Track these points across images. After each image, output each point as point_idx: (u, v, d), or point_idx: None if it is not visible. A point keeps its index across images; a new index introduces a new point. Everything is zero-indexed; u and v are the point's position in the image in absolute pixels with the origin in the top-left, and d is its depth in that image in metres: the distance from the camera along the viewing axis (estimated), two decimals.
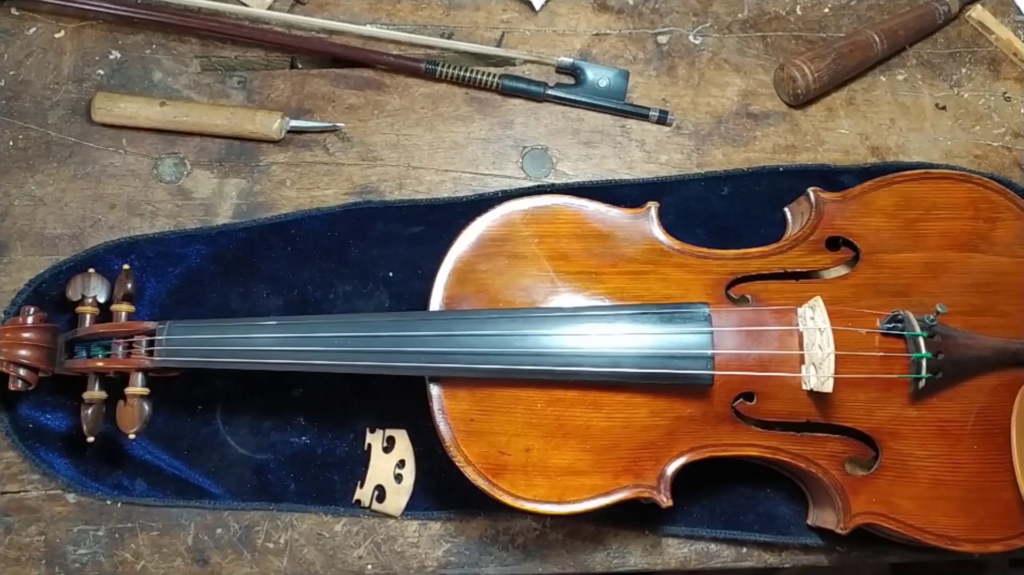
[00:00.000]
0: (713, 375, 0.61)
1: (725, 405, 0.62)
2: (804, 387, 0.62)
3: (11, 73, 0.77)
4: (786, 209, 0.73)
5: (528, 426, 0.61)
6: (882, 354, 0.63)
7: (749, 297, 0.65)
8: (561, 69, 0.79)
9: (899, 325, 0.63)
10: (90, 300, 0.66)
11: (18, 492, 0.69)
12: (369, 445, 0.70)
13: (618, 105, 0.78)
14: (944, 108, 0.80)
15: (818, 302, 0.62)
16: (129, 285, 0.65)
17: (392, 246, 0.73)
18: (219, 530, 0.69)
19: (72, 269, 0.70)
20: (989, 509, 0.64)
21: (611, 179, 0.77)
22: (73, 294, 0.66)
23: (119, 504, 0.69)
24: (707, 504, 0.69)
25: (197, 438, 0.70)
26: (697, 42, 0.81)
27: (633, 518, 0.68)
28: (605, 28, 0.81)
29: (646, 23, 0.81)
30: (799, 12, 0.83)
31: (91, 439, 0.64)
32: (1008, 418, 0.65)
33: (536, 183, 0.76)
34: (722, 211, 0.76)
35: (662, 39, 0.81)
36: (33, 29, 0.78)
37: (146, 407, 0.64)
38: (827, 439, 0.64)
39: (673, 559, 0.69)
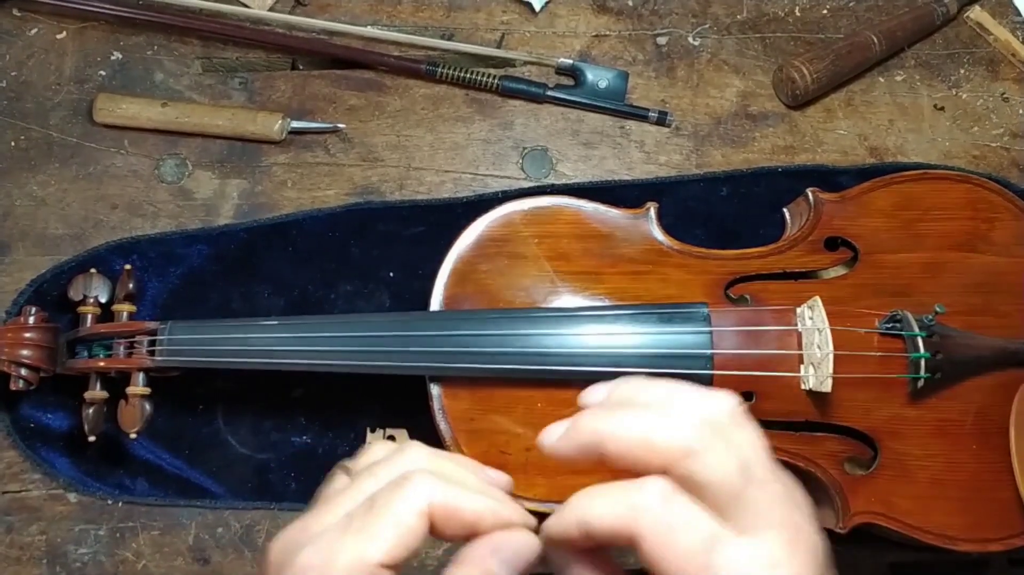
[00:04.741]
0: (712, 374, 0.61)
1: None
2: (803, 387, 0.62)
3: (13, 74, 0.77)
4: (785, 210, 0.73)
5: (529, 426, 0.62)
6: (881, 354, 0.63)
7: (748, 297, 0.65)
8: (561, 70, 0.80)
9: (898, 325, 0.63)
10: (91, 300, 0.66)
11: (19, 492, 0.69)
12: (370, 445, 0.70)
13: (617, 106, 0.78)
14: (942, 109, 0.81)
15: (817, 302, 0.62)
16: (131, 285, 0.66)
17: (393, 246, 0.74)
18: (220, 529, 0.69)
19: (74, 269, 0.71)
20: (988, 508, 0.64)
21: (611, 180, 0.77)
22: (75, 294, 0.66)
23: (120, 504, 0.69)
24: None
25: (198, 438, 0.70)
26: (696, 43, 0.81)
27: None
28: (605, 29, 0.81)
29: (645, 24, 0.82)
30: (798, 13, 0.83)
31: (92, 439, 0.64)
32: (1007, 418, 0.65)
33: (536, 184, 0.77)
34: (721, 211, 0.76)
35: (661, 40, 0.81)
36: (35, 30, 0.78)
37: (147, 407, 0.64)
38: (826, 439, 0.64)
39: None
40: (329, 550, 0.35)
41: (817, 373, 0.61)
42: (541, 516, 0.67)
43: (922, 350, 0.62)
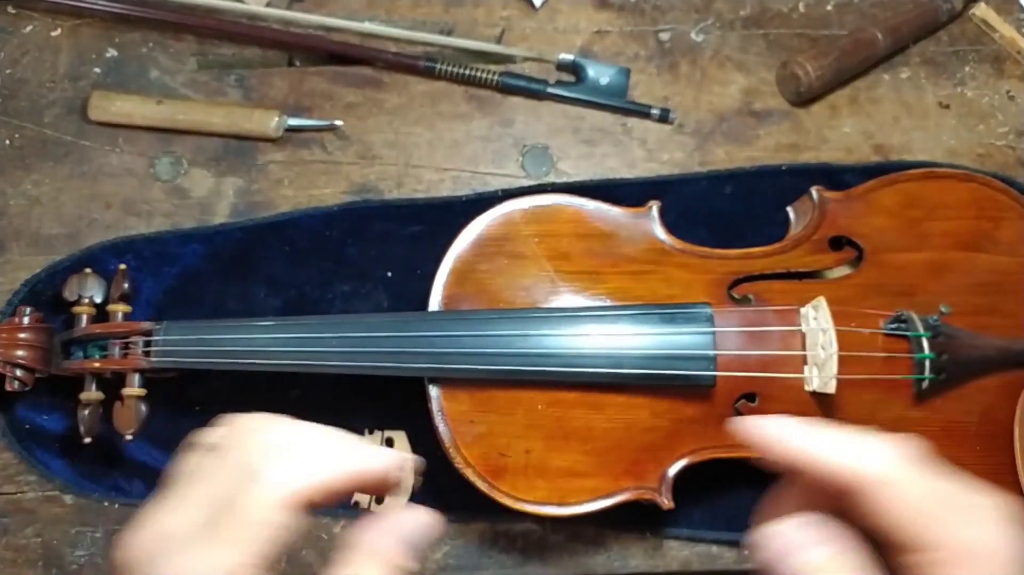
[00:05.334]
0: (715, 376, 0.60)
1: (727, 406, 0.62)
2: (807, 388, 0.62)
3: (7, 71, 0.76)
4: (789, 208, 0.72)
5: (528, 427, 0.61)
6: (885, 355, 0.62)
7: (752, 297, 0.64)
8: (562, 67, 0.79)
9: (903, 325, 0.62)
10: (86, 300, 0.65)
11: (15, 493, 0.68)
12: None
13: (619, 103, 0.77)
14: (948, 106, 0.80)
15: (821, 302, 0.62)
16: (125, 285, 0.65)
17: (391, 245, 0.73)
18: None
19: (68, 269, 0.70)
20: None
21: (612, 178, 0.76)
22: (69, 294, 0.65)
23: (116, 505, 0.68)
24: (709, 506, 0.69)
25: None
26: (699, 40, 0.80)
27: (634, 520, 0.68)
28: (606, 25, 0.81)
29: (648, 20, 0.81)
30: (802, 9, 0.82)
31: (88, 440, 0.63)
32: (1012, 419, 0.64)
33: (536, 182, 0.76)
34: (724, 210, 0.75)
35: (664, 36, 0.80)
36: (29, 27, 0.77)
37: (143, 408, 0.63)
38: None
39: (675, 561, 0.68)
40: (194, 564, 0.33)
41: (821, 374, 0.60)
42: (540, 518, 0.67)
43: (927, 351, 0.61)
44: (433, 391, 0.61)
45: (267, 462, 0.35)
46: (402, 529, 0.36)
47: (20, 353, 0.62)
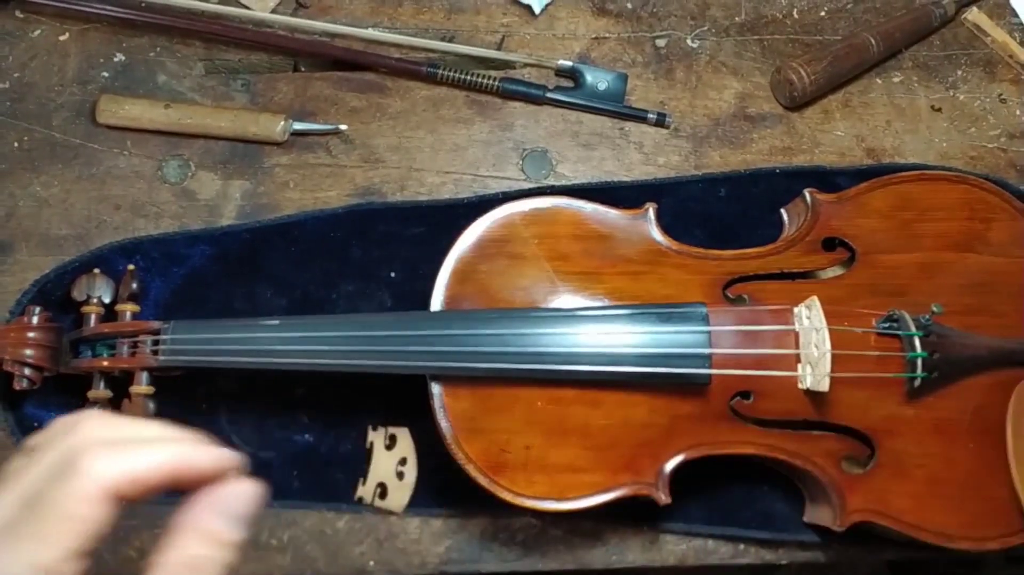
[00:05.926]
0: (710, 374, 0.61)
1: (722, 404, 0.63)
2: (800, 386, 0.63)
3: (16, 75, 0.77)
4: (783, 210, 0.73)
5: (528, 424, 0.62)
6: (878, 353, 0.64)
7: (746, 297, 0.66)
8: (561, 72, 0.80)
9: (895, 325, 0.64)
10: (95, 300, 0.66)
11: None
12: (371, 443, 0.70)
13: (617, 108, 0.79)
14: (940, 110, 0.81)
15: (814, 302, 0.63)
16: (134, 285, 0.66)
17: (394, 247, 0.74)
18: None
19: (77, 269, 0.71)
20: (985, 507, 0.64)
21: (610, 181, 0.77)
22: (78, 294, 0.66)
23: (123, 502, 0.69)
24: (705, 501, 0.70)
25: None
26: (695, 45, 0.82)
27: (632, 515, 0.69)
28: (604, 32, 0.82)
29: (644, 27, 0.82)
30: (795, 15, 0.84)
31: None
32: (1004, 416, 0.65)
33: (536, 185, 0.77)
34: (719, 212, 0.76)
35: (660, 42, 0.82)
36: (37, 32, 0.79)
37: (150, 406, 0.64)
38: (823, 437, 0.64)
39: (671, 556, 0.70)
40: (6, 563, 0.33)
41: (814, 372, 0.62)
42: (539, 513, 0.68)
43: (919, 349, 0.62)
44: (435, 389, 0.63)
45: (81, 457, 0.35)
46: (225, 504, 0.37)
47: (28, 352, 0.63)
